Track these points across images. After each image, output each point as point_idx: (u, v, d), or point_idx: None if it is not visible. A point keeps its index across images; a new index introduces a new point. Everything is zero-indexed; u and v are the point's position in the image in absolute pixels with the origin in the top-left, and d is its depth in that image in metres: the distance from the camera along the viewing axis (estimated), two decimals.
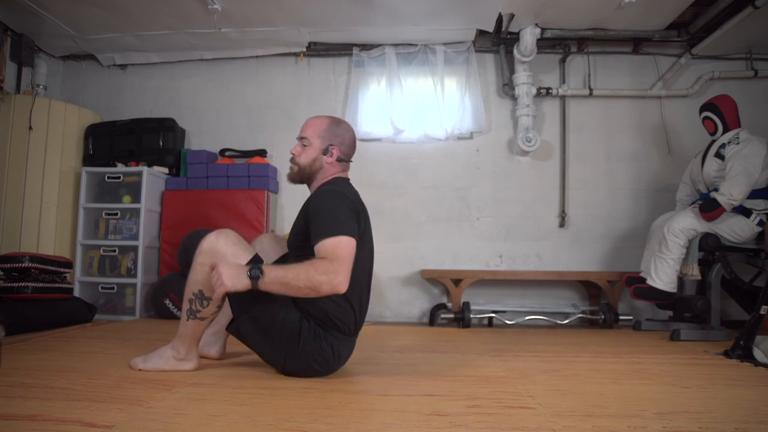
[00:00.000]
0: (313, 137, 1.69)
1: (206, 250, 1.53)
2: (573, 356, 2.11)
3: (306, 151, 1.69)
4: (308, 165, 1.69)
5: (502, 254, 3.65)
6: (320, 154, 1.68)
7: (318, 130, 1.69)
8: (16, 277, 2.56)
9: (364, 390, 1.47)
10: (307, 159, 1.69)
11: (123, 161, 3.54)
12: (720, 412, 1.27)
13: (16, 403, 1.24)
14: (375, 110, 3.71)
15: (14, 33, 3.52)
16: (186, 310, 1.56)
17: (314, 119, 1.73)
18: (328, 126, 1.70)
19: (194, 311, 1.55)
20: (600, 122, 3.68)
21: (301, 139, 1.71)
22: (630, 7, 3.05)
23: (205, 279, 1.50)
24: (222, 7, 3.13)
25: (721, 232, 2.74)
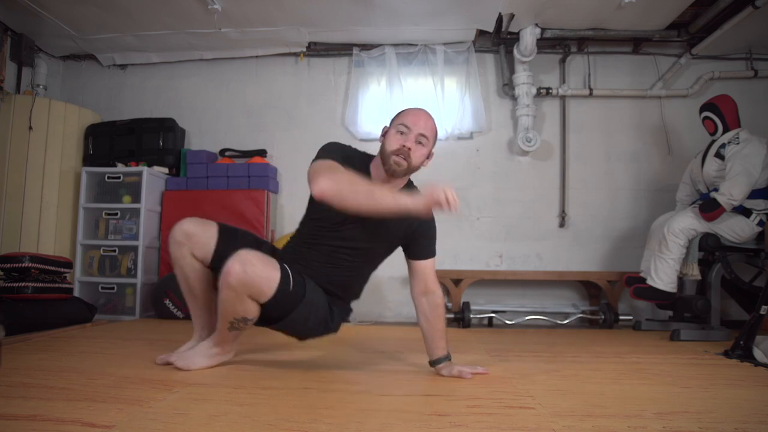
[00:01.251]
0: (431, 138, 1.60)
1: (236, 285, 1.42)
2: (573, 356, 2.11)
3: (420, 151, 1.57)
4: (417, 166, 1.60)
5: (502, 254, 3.65)
6: (426, 157, 1.62)
7: (434, 132, 1.62)
8: (16, 277, 2.55)
9: (364, 390, 1.47)
10: (419, 159, 1.58)
11: (123, 161, 3.54)
12: (720, 412, 1.27)
13: (16, 403, 1.24)
14: (375, 110, 3.71)
15: (14, 33, 3.52)
16: (227, 326, 1.56)
17: (430, 117, 1.61)
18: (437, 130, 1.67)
19: (237, 327, 1.57)
20: (600, 122, 3.68)
21: (419, 136, 1.56)
22: (630, 7, 3.05)
23: (246, 309, 1.49)
24: (222, 7, 3.13)
25: (721, 232, 2.74)
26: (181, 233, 1.64)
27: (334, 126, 3.79)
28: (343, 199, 1.38)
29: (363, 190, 1.38)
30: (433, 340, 1.67)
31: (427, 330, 1.67)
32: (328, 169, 1.43)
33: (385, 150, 1.58)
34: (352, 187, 1.38)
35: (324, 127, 3.80)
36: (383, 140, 1.61)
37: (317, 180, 1.39)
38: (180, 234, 1.64)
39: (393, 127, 1.60)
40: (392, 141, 1.57)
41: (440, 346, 1.67)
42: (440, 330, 1.66)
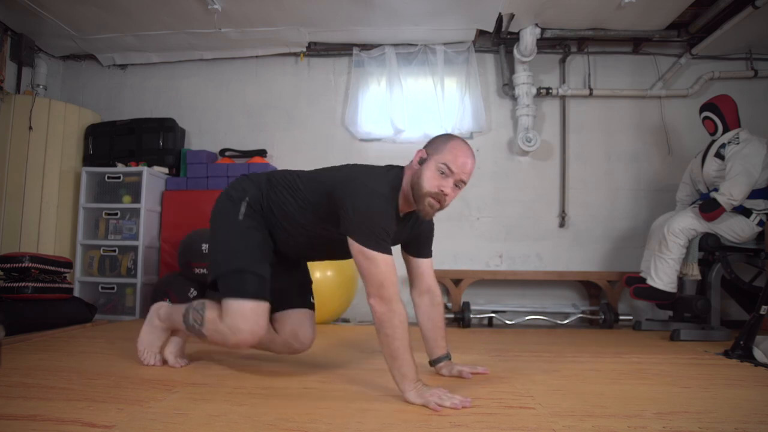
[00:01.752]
0: (467, 181, 1.47)
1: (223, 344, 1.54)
2: (573, 356, 2.11)
3: (456, 194, 1.45)
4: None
5: (502, 254, 3.65)
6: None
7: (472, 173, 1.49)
8: (16, 277, 2.55)
9: (364, 390, 1.47)
10: (450, 202, 1.46)
11: (123, 161, 3.54)
12: (720, 412, 1.27)
13: (16, 403, 1.24)
14: (375, 110, 3.71)
15: (14, 33, 3.52)
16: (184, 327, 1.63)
17: (474, 159, 1.46)
18: None
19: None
20: (600, 122, 3.68)
21: (461, 181, 1.43)
22: (630, 7, 3.05)
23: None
24: (222, 7, 3.13)
25: (721, 232, 2.74)
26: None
27: (334, 126, 3.79)
28: (381, 326, 1.32)
29: (397, 343, 1.31)
30: (434, 339, 1.68)
31: (428, 329, 1.68)
32: (392, 285, 1.33)
33: (420, 186, 1.41)
34: (394, 331, 1.31)
35: (324, 127, 3.80)
36: (419, 170, 1.44)
37: (380, 291, 1.32)
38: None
39: (434, 161, 1.41)
40: (431, 180, 1.40)
41: (440, 345, 1.69)
42: (441, 328, 1.69)
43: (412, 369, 1.31)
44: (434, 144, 1.47)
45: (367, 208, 1.36)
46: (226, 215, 1.59)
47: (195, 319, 1.56)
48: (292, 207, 1.56)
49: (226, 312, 1.47)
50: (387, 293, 1.32)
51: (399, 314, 1.32)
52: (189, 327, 1.59)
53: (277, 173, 1.67)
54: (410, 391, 1.30)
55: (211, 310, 1.53)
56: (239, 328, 1.45)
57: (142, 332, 1.73)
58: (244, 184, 1.64)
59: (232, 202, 1.60)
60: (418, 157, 1.47)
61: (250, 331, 1.45)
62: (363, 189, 1.39)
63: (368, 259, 1.33)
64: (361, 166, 1.59)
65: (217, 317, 1.50)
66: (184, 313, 1.60)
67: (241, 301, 1.46)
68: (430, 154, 1.45)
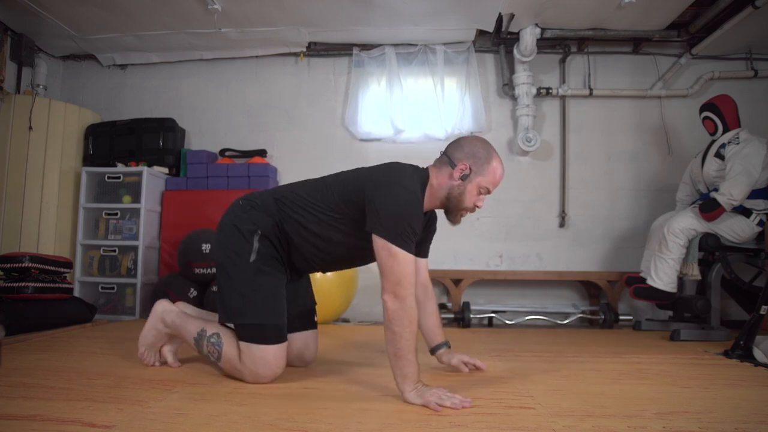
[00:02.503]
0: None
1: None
2: (573, 356, 2.11)
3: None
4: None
5: (502, 254, 3.65)
6: None
7: None
8: (16, 277, 2.55)
9: (364, 390, 1.47)
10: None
11: (123, 161, 3.54)
12: (720, 412, 1.27)
13: (16, 403, 1.24)
14: (375, 110, 3.71)
15: (14, 33, 3.52)
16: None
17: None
18: None
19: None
20: (600, 122, 3.68)
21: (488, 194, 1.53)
22: (630, 7, 3.05)
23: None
24: (222, 7, 3.13)
25: (721, 232, 2.74)
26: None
27: (334, 126, 3.80)
28: (391, 323, 1.32)
29: (403, 342, 1.31)
30: (432, 327, 1.74)
31: (426, 318, 1.73)
32: (409, 285, 1.33)
33: (461, 202, 1.49)
34: (403, 329, 1.31)
35: (324, 127, 3.80)
36: (461, 185, 1.48)
37: (396, 288, 1.31)
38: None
39: (477, 183, 1.48)
40: (471, 197, 1.49)
41: (438, 333, 1.75)
42: (437, 317, 1.76)
43: (415, 370, 1.31)
44: (477, 159, 1.48)
45: (400, 206, 1.36)
46: (237, 254, 1.51)
47: (210, 352, 1.53)
48: (314, 226, 1.52)
49: (246, 355, 1.45)
50: (403, 291, 1.31)
51: (410, 313, 1.32)
52: (202, 354, 1.57)
53: (283, 194, 1.59)
54: (410, 392, 1.30)
55: (229, 347, 1.50)
56: (261, 375, 1.45)
57: (145, 332, 1.69)
58: (251, 214, 1.54)
59: (243, 236, 1.51)
60: (459, 171, 1.48)
61: (271, 376, 1.47)
62: (398, 188, 1.39)
63: (391, 255, 1.32)
64: (393, 165, 1.54)
65: (236, 356, 1.47)
66: (197, 338, 1.57)
67: (262, 348, 1.44)
68: (473, 171, 1.47)
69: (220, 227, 1.61)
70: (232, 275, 1.50)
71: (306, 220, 1.52)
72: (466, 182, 1.48)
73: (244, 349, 1.46)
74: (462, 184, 1.48)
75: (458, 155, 1.49)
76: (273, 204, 1.56)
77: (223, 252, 1.55)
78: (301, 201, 1.54)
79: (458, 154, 1.49)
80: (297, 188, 1.60)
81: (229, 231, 1.55)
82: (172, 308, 1.68)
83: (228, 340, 1.51)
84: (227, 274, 1.51)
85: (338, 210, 1.50)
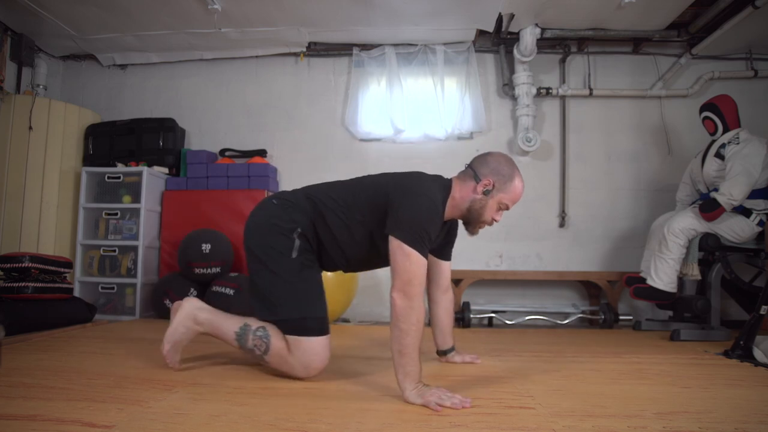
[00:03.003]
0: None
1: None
2: (573, 356, 2.11)
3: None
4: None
5: (502, 254, 3.65)
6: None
7: None
8: (16, 277, 2.55)
9: (364, 390, 1.47)
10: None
11: (123, 161, 3.54)
12: (720, 412, 1.27)
13: (16, 403, 1.24)
14: (375, 110, 3.71)
15: (14, 33, 3.52)
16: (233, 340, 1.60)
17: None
18: None
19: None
20: (600, 122, 3.68)
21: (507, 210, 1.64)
22: (630, 7, 3.05)
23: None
24: (222, 7, 3.13)
25: (721, 232, 2.74)
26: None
27: (334, 126, 3.80)
28: (398, 320, 1.34)
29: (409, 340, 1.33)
30: (447, 332, 1.90)
31: (444, 323, 1.88)
32: (419, 285, 1.37)
33: (481, 215, 1.59)
34: (409, 327, 1.34)
35: (324, 127, 3.80)
36: (483, 199, 1.56)
37: (406, 287, 1.35)
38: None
39: (498, 199, 1.57)
40: (490, 212, 1.60)
41: (450, 337, 1.92)
42: (452, 319, 1.92)
43: (417, 369, 1.33)
44: (500, 176, 1.56)
45: (419, 211, 1.42)
46: (278, 251, 1.54)
47: (257, 345, 1.53)
48: (340, 227, 1.57)
49: (296, 348, 1.50)
50: (412, 290, 1.35)
51: (418, 313, 1.36)
52: (245, 349, 1.56)
53: (314, 194, 1.63)
54: (411, 391, 1.31)
55: (277, 339, 1.51)
56: (312, 366, 1.50)
57: (172, 329, 1.63)
58: (290, 212, 1.58)
59: (284, 235, 1.55)
60: (483, 186, 1.55)
61: (320, 368, 1.53)
62: (422, 198, 1.45)
63: (405, 255, 1.37)
64: (419, 174, 1.61)
65: (285, 348, 1.51)
66: (239, 332, 1.55)
67: (312, 339, 1.50)
68: (496, 187, 1.56)
69: (255, 226, 1.62)
70: (276, 271, 1.53)
71: (334, 221, 1.58)
72: (488, 197, 1.57)
73: (293, 342, 1.49)
74: (484, 199, 1.57)
75: (483, 171, 1.57)
76: (306, 202, 1.61)
77: (263, 250, 1.56)
78: (331, 203, 1.59)
79: (483, 169, 1.57)
80: (326, 190, 1.65)
81: (268, 229, 1.58)
82: (205, 306, 1.67)
83: (275, 333, 1.52)
84: (269, 271, 1.54)
85: (363, 213, 1.56)
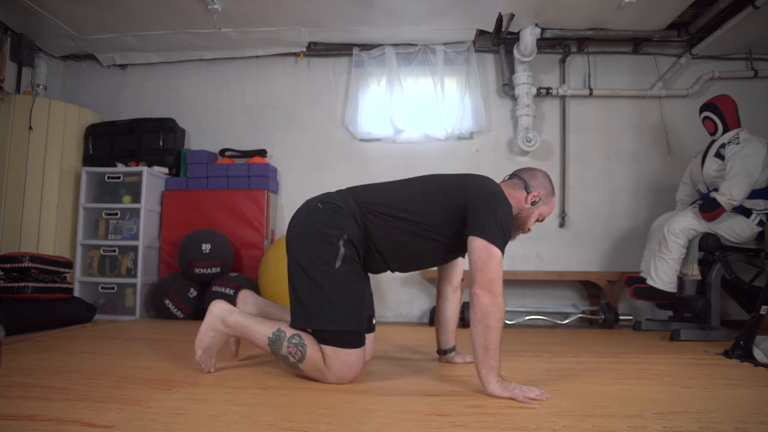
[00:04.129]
0: None
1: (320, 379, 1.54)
2: (573, 356, 2.11)
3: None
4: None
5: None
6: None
7: None
8: (16, 277, 2.55)
9: (364, 390, 1.47)
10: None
11: (123, 161, 3.54)
12: (720, 412, 1.27)
13: (16, 403, 1.24)
14: (375, 110, 3.71)
15: (14, 33, 3.52)
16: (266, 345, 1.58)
17: None
18: None
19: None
20: (600, 122, 3.68)
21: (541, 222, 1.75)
22: (630, 7, 3.05)
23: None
24: (222, 7, 3.13)
25: (721, 232, 2.74)
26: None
27: (334, 126, 3.80)
28: (484, 317, 1.39)
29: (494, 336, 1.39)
30: (451, 331, 1.91)
31: (451, 321, 1.89)
32: (501, 284, 1.42)
33: (525, 223, 1.69)
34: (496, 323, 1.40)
35: (324, 127, 3.80)
36: (530, 209, 1.66)
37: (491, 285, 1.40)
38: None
39: (540, 210, 1.69)
40: (531, 221, 1.70)
41: (454, 337, 1.93)
42: (457, 317, 1.93)
43: (499, 363, 1.41)
44: (546, 191, 1.69)
45: (503, 212, 1.49)
46: (322, 259, 1.51)
47: (292, 353, 1.50)
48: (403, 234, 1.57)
49: (332, 359, 1.47)
50: (497, 288, 1.41)
51: (502, 310, 1.42)
52: (277, 354, 1.53)
53: (365, 198, 1.61)
54: (496, 384, 1.39)
55: (313, 350, 1.49)
56: (346, 378, 1.50)
57: (201, 334, 1.59)
58: (336, 218, 1.54)
59: (329, 243, 1.51)
60: (533, 197, 1.66)
61: (353, 378, 1.52)
62: (501, 198, 1.53)
63: (490, 255, 1.42)
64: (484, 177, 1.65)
65: (320, 359, 1.48)
66: (272, 338, 1.52)
67: (349, 352, 1.48)
68: (542, 200, 1.68)
69: (299, 231, 1.58)
70: (318, 281, 1.49)
71: (394, 226, 1.57)
72: (534, 208, 1.67)
73: (329, 353, 1.47)
74: (531, 209, 1.67)
75: (534, 183, 1.67)
76: (356, 209, 1.58)
77: (306, 257, 1.53)
78: (387, 209, 1.57)
79: (534, 182, 1.68)
80: (379, 193, 1.63)
81: (314, 235, 1.54)
82: (233, 308, 1.63)
83: (311, 343, 1.50)
84: (311, 279, 1.50)
85: (433, 217, 1.56)
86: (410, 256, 1.64)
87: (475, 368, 1.42)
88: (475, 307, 1.40)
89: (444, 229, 1.57)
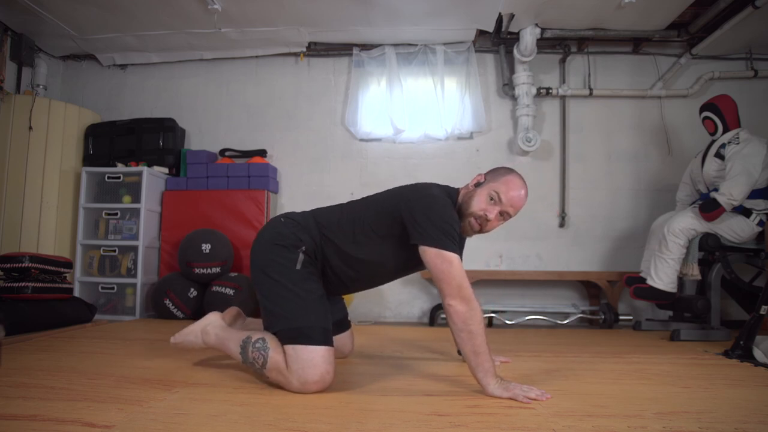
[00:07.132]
0: (514, 215, 1.63)
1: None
2: (573, 356, 2.11)
3: (497, 224, 1.60)
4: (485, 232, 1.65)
5: (502, 254, 3.65)
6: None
7: (520, 209, 1.62)
8: (16, 277, 2.55)
9: (364, 390, 1.47)
10: (491, 230, 1.63)
11: (123, 161, 3.54)
12: (720, 412, 1.27)
13: (16, 403, 1.24)
14: (375, 110, 3.71)
15: (14, 33, 3.52)
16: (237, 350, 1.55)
17: (525, 197, 1.61)
18: None
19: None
20: (600, 122, 3.68)
21: (506, 213, 1.58)
22: (630, 7, 3.05)
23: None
24: (222, 7, 3.13)
25: (721, 232, 2.74)
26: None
27: (334, 126, 3.80)
28: (464, 324, 1.36)
29: (480, 340, 1.37)
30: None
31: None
32: (468, 285, 1.39)
33: (468, 205, 1.57)
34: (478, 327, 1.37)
35: (324, 127, 3.80)
36: (473, 191, 1.58)
37: (460, 292, 1.37)
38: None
39: (488, 188, 1.56)
40: (479, 203, 1.55)
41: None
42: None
43: (492, 364, 1.39)
44: (494, 172, 1.60)
45: (442, 214, 1.45)
46: (282, 264, 1.51)
47: (255, 358, 1.44)
48: (351, 246, 1.56)
49: (293, 359, 1.38)
50: (467, 293, 1.38)
51: (479, 312, 1.39)
52: (247, 363, 1.50)
53: (322, 216, 1.63)
54: (495, 386, 1.36)
55: (276, 352, 1.41)
56: (308, 380, 1.37)
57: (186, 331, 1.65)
58: (295, 231, 1.57)
59: (288, 250, 1.53)
60: (475, 180, 1.60)
61: (319, 382, 1.38)
62: (433, 199, 1.47)
63: (446, 261, 1.38)
64: (419, 183, 1.62)
65: (283, 362, 1.40)
66: (242, 346, 1.49)
67: (310, 348, 1.38)
68: (487, 180, 1.59)
69: (261, 241, 1.60)
70: (279, 280, 1.49)
71: (343, 241, 1.57)
72: (478, 188, 1.58)
73: (290, 353, 1.39)
74: (474, 190, 1.58)
75: (488, 175, 1.61)
76: (314, 227, 1.60)
77: (267, 263, 1.53)
78: (338, 224, 1.59)
79: (488, 174, 1.61)
80: (334, 211, 1.65)
81: (272, 244, 1.56)
82: (218, 323, 1.63)
83: (275, 345, 1.43)
84: (272, 280, 1.50)
85: (374, 228, 1.55)
86: (361, 269, 1.59)
87: (472, 375, 1.40)
88: (452, 317, 1.37)
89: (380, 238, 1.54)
